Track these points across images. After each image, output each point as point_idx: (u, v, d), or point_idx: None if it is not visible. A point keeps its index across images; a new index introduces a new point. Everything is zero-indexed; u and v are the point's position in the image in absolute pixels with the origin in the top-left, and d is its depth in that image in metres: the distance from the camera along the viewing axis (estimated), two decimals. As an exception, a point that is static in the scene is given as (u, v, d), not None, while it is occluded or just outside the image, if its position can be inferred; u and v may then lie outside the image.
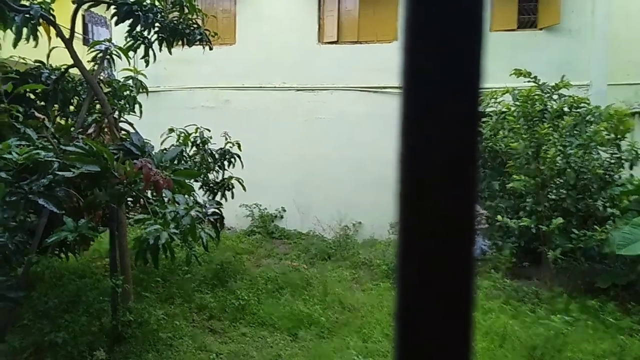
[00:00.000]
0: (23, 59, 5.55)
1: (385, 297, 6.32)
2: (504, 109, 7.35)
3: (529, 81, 7.09)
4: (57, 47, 5.24)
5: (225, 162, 6.87)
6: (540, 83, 7.10)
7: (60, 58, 5.37)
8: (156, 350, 4.75)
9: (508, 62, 7.99)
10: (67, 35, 5.18)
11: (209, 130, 6.82)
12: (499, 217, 6.87)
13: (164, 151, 5.20)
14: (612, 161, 6.91)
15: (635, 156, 6.82)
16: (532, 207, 6.84)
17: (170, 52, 5.72)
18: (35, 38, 4.76)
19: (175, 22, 5.60)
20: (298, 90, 10.09)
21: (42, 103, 5.41)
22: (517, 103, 7.00)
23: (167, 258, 3.56)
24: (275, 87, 10.19)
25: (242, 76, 10.26)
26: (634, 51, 9.52)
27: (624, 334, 5.25)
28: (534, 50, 8.89)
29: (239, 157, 6.95)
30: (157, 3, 5.48)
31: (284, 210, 9.97)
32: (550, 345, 4.72)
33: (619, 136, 6.79)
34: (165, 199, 3.48)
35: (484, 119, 7.70)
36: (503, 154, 7.38)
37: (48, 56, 5.40)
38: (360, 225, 9.41)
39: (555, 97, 7.18)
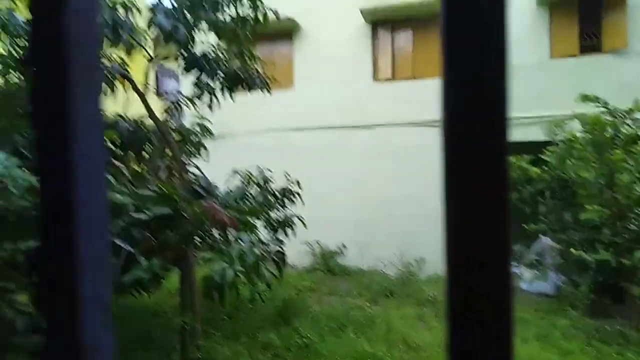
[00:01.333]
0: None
1: (453, 337, 6.04)
2: (570, 137, 7.03)
3: (597, 106, 6.76)
4: (132, 99, 5.74)
5: (286, 200, 7.05)
6: (611, 108, 6.75)
7: (136, 109, 5.85)
8: (223, 388, 4.81)
9: (572, 89, 7.69)
10: (141, 88, 5.66)
11: (270, 170, 7.06)
12: (573, 251, 6.46)
13: (229, 192, 5.45)
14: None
15: None
16: (610, 239, 6.38)
17: (232, 99, 6.06)
18: (114, 92, 5.25)
19: (237, 70, 5.96)
20: (354, 127, 10.24)
21: (120, 151, 5.87)
22: (585, 130, 6.68)
23: (233, 296, 3.66)
24: (332, 126, 10.41)
25: (300, 117, 10.59)
26: None
27: None
28: (600, 74, 8.52)
29: (299, 195, 7.11)
30: (220, 54, 5.88)
31: (345, 247, 9.95)
32: (642, 392, 4.29)
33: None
34: (231, 238, 3.62)
35: (550, 148, 7.39)
36: (573, 183, 7.01)
37: (125, 108, 5.90)
38: (423, 261, 9.17)
39: (629, 122, 6.78)
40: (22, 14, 5.33)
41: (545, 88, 8.78)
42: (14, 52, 5.37)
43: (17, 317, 3.51)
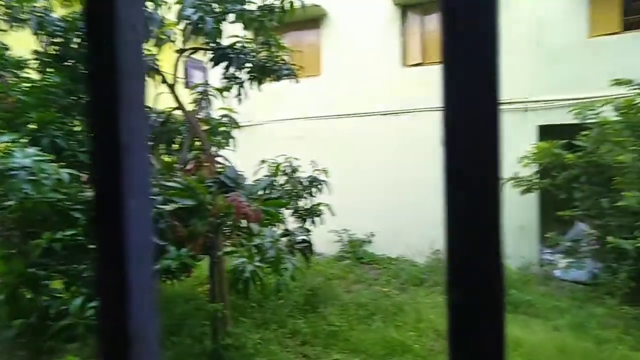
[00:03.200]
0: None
1: (483, 325, 5.98)
2: (603, 121, 6.73)
3: (634, 89, 6.45)
4: (162, 92, 5.87)
5: (314, 189, 7.09)
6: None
7: (166, 101, 5.99)
8: (253, 373, 4.94)
9: (613, 69, 7.35)
10: (170, 81, 5.77)
11: (298, 159, 7.11)
12: (611, 238, 6.24)
13: (256, 182, 5.52)
14: None
15: None
16: (650, 225, 6.13)
17: (259, 90, 6.11)
18: (144, 86, 5.37)
19: (264, 60, 5.99)
20: (384, 114, 10.14)
21: (151, 143, 6.04)
22: (619, 113, 6.39)
23: (258, 287, 3.74)
24: (360, 113, 10.34)
25: (328, 105, 10.57)
26: None
27: None
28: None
29: (326, 183, 7.13)
30: (247, 45, 5.92)
31: (373, 235, 9.94)
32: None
33: None
34: (255, 230, 3.68)
35: (584, 132, 7.11)
36: (609, 168, 6.74)
37: (155, 101, 6.05)
38: (454, 249, 9.06)
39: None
40: (57, 12, 5.51)
41: (582, 69, 8.42)
42: (49, 49, 5.58)
43: (51, 302, 3.69)
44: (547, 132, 8.33)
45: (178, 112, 6.02)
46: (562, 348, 5.19)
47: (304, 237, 4.93)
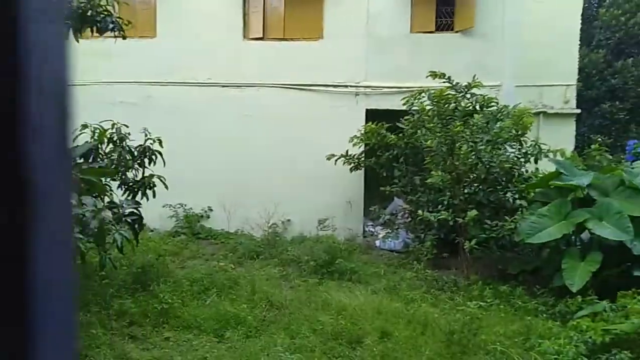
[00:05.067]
0: None
1: (313, 293, 6.37)
2: (421, 109, 7.67)
3: (444, 82, 7.45)
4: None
5: (146, 160, 6.57)
6: (454, 83, 7.49)
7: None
8: (69, 361, 4.44)
9: (430, 63, 8.33)
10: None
11: (127, 127, 6.48)
12: (420, 212, 7.17)
13: (74, 148, 4.87)
14: (519, 156, 7.45)
15: (539, 151, 7.41)
16: (450, 200, 7.22)
17: (77, 41, 5.35)
18: None
19: (83, 7, 5.24)
20: (224, 86, 9.89)
21: None
22: (433, 102, 7.35)
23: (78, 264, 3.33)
24: (200, 82, 9.91)
25: (165, 71, 9.86)
26: (540, 54, 10.34)
27: (531, 315, 5.69)
28: (452, 52, 9.35)
29: (160, 154, 6.66)
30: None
31: (211, 210, 9.74)
32: (466, 329, 5.00)
33: (519, 133, 7.35)
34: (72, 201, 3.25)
35: (406, 117, 7.99)
36: (422, 150, 7.72)
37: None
38: (289, 223, 9.41)
39: (468, 96, 7.61)
40: None
41: (406, 60, 9.40)
42: None
43: None
44: (374, 115, 9.13)
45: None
46: (378, 309, 5.83)
47: (133, 210, 4.54)
